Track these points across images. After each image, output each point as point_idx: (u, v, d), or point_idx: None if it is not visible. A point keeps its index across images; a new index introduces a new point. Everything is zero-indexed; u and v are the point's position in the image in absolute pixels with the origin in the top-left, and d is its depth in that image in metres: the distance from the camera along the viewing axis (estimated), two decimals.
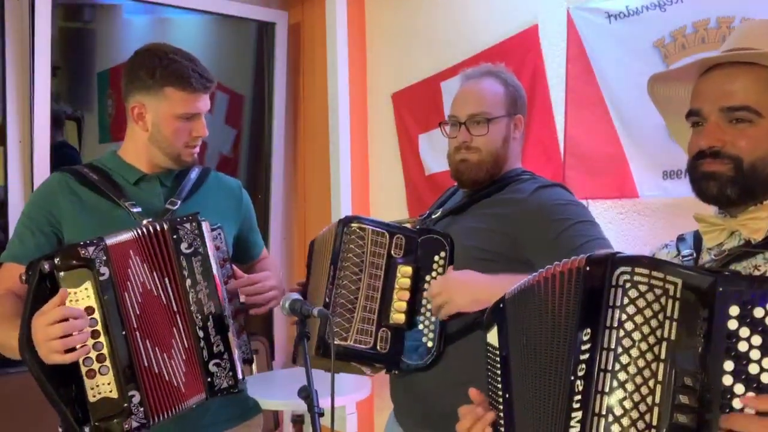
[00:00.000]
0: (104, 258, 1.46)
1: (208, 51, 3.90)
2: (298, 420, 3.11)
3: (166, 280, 1.57)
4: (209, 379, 1.57)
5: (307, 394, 1.44)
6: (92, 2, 4.02)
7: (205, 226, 1.62)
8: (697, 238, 1.24)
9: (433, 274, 1.70)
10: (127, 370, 1.46)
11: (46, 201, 1.71)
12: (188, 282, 1.58)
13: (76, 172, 1.74)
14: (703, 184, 1.16)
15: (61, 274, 1.43)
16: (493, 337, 1.25)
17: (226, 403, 1.70)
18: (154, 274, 1.56)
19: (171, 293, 1.57)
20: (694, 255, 1.21)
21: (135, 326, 1.49)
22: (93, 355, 1.43)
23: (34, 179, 2.96)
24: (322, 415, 1.42)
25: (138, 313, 1.50)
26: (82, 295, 1.43)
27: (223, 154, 3.95)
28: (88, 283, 1.44)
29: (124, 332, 1.47)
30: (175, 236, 1.58)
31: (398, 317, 1.67)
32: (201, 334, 1.58)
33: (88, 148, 3.99)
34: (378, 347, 1.65)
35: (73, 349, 1.39)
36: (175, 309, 1.57)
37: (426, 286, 1.70)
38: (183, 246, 1.58)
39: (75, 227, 1.67)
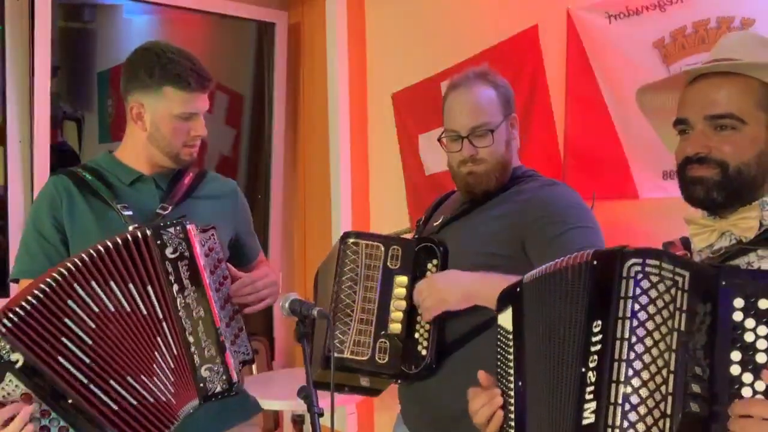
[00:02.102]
0: (8, 346, 1.38)
1: (208, 51, 3.90)
2: (298, 420, 3.11)
3: (149, 288, 1.52)
4: (202, 385, 1.54)
5: (306, 394, 1.44)
6: (92, 2, 4.02)
7: (191, 230, 1.59)
8: (686, 241, 1.27)
9: None
10: (96, 428, 1.42)
11: (48, 207, 1.70)
12: (175, 287, 1.54)
13: (71, 174, 1.73)
14: (690, 189, 1.20)
15: None
16: (505, 319, 1.25)
17: (225, 402, 1.69)
18: (130, 286, 1.50)
19: (155, 301, 1.52)
20: (688, 255, 1.23)
21: (85, 382, 1.43)
22: (54, 431, 1.40)
23: (34, 179, 2.96)
24: (321, 415, 1.42)
25: (88, 360, 1.44)
26: (10, 387, 1.38)
27: (222, 155, 3.95)
28: (9, 374, 1.38)
29: (71, 401, 1.41)
30: (159, 241, 1.54)
31: (395, 327, 1.68)
32: (191, 339, 1.54)
33: (88, 148, 4.00)
34: (377, 358, 1.66)
35: None
36: (160, 316, 1.52)
37: None
38: (168, 251, 1.54)
39: (75, 229, 1.68)
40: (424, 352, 1.68)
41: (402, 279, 1.70)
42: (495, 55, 2.63)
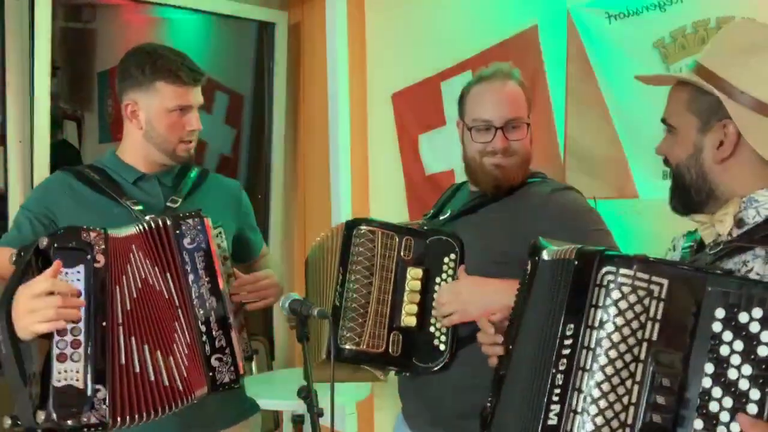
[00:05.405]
0: (103, 247, 1.44)
1: (208, 51, 3.90)
2: (298, 420, 3.11)
3: (168, 275, 1.57)
4: (211, 374, 1.57)
5: (307, 394, 1.44)
6: (92, 2, 4.02)
7: (207, 223, 1.63)
8: None
9: (443, 276, 1.70)
10: (99, 363, 1.40)
11: (45, 197, 1.73)
12: (191, 277, 1.58)
13: (77, 172, 1.76)
14: None
15: (57, 252, 1.39)
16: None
17: (224, 402, 1.69)
18: (156, 269, 1.55)
19: (173, 288, 1.57)
20: (695, 247, 1.25)
21: (120, 321, 1.45)
22: (69, 339, 1.37)
23: (34, 179, 2.95)
24: (321, 415, 1.42)
25: (129, 308, 1.47)
26: (72, 277, 1.40)
27: (222, 154, 3.94)
28: (81, 266, 1.41)
29: (105, 323, 1.42)
30: (177, 231, 1.58)
31: (409, 320, 1.66)
32: (203, 328, 1.57)
33: (88, 148, 4.00)
34: (390, 350, 1.65)
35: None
36: (177, 304, 1.56)
37: (436, 287, 1.69)
38: (185, 241, 1.59)
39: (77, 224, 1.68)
40: (442, 347, 1.67)
41: (416, 271, 1.68)
42: (495, 55, 2.63)
